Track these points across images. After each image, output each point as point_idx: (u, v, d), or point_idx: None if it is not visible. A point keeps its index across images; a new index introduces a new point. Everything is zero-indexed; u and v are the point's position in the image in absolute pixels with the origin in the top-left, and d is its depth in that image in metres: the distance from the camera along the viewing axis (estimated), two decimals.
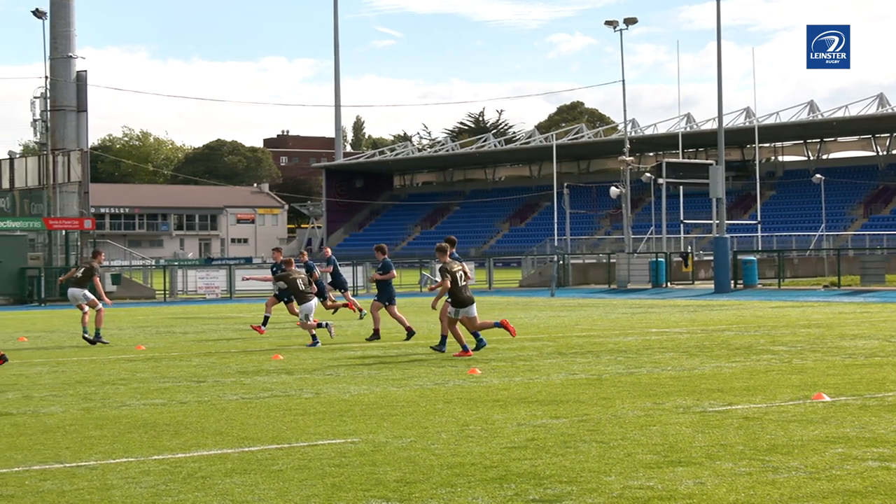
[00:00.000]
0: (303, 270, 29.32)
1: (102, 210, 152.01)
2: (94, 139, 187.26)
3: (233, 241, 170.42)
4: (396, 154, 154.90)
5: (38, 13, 66.71)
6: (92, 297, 29.15)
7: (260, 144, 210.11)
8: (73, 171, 66.11)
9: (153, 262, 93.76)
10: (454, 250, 25.32)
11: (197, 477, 11.27)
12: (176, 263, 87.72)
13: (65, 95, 67.03)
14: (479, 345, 24.19)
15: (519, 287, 70.27)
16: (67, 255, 62.60)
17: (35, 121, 70.36)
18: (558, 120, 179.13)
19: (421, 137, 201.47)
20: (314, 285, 28.83)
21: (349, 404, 16.39)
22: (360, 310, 33.97)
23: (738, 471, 11.18)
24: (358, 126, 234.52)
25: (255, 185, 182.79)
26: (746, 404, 15.83)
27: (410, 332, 28.50)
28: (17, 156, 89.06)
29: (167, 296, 60.91)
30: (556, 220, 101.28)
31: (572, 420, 14.61)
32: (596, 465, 11.55)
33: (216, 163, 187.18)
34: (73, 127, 67.49)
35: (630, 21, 76.90)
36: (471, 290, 24.24)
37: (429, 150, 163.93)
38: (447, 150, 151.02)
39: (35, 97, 69.77)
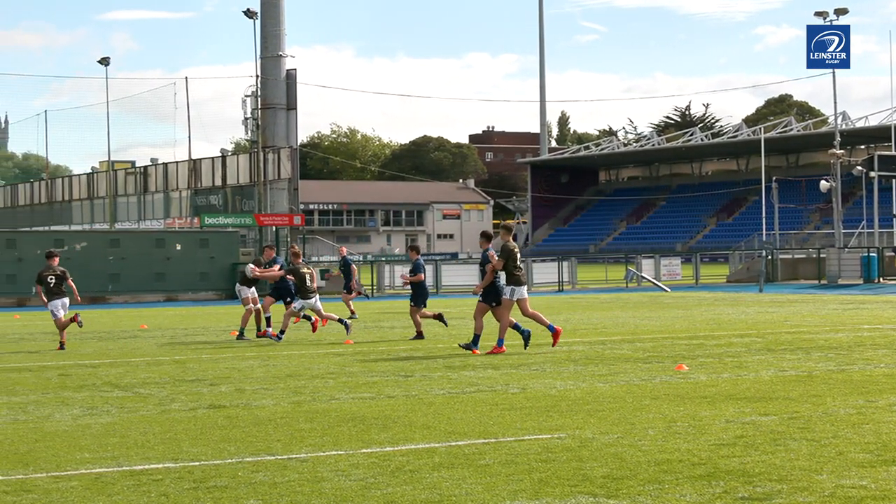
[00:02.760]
0: (308, 265, 29.46)
1: (311, 206, 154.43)
2: (302, 136, 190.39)
3: (439, 236, 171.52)
4: (602, 149, 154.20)
5: (249, 13, 68.05)
6: (254, 295, 29.72)
7: (465, 140, 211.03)
8: (283, 167, 67.36)
9: (361, 258, 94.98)
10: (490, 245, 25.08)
11: (405, 470, 11.37)
12: (383, 259, 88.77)
13: (275, 94, 68.34)
14: (525, 335, 24.17)
15: (726, 282, 69.32)
16: (277, 250, 63.77)
17: (246, 119, 71.92)
18: (766, 113, 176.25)
19: (626, 132, 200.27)
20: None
21: (555, 400, 16.36)
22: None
23: None
24: (563, 121, 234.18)
25: (461, 180, 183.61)
26: None
27: (419, 336, 28.14)
28: (229, 154, 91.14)
29: (375, 291, 61.58)
30: (764, 215, 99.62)
31: (782, 417, 14.36)
32: (806, 464, 11.33)
33: (422, 159, 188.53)
34: (283, 125, 68.78)
35: (840, 11, 75.09)
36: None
37: (634, 144, 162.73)
38: (653, 145, 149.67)
39: (246, 96, 71.33)
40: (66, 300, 28.11)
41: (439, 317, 28.93)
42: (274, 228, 64.31)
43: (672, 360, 21.63)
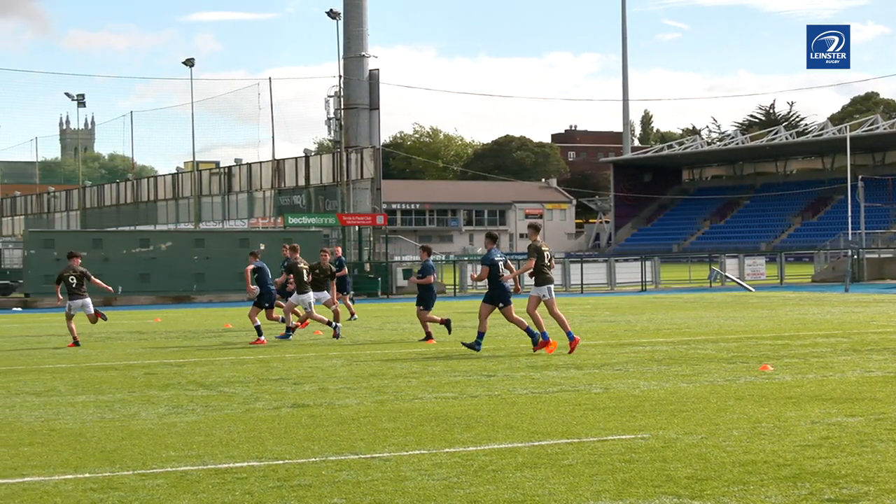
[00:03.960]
0: (304, 261, 29.43)
1: (394, 206, 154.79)
2: (385, 136, 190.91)
3: (521, 236, 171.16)
4: (685, 148, 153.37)
5: (332, 14, 68.34)
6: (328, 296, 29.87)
7: (548, 139, 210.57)
8: (366, 167, 67.56)
9: (443, 258, 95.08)
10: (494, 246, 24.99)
11: (488, 470, 11.37)
12: (465, 258, 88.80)
13: (358, 94, 68.54)
14: (535, 339, 24.03)
15: (811, 282, 68.72)
16: (360, 250, 64.05)
17: (329, 119, 72.21)
18: (851, 111, 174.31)
19: (710, 131, 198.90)
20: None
21: (639, 400, 16.29)
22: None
23: None
24: (646, 120, 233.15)
25: (543, 179, 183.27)
26: None
27: (428, 336, 27.98)
28: (313, 154, 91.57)
29: (457, 290, 61.63)
30: (849, 214, 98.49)
31: (868, 419, 14.22)
32: (894, 465, 11.21)
33: (504, 158, 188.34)
34: (366, 125, 68.95)
35: None
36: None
37: (718, 143, 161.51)
38: (737, 144, 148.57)
39: (329, 96, 71.60)
40: (87, 300, 29.11)
41: (446, 322, 28.47)
42: (357, 228, 64.55)
43: (757, 361, 21.47)
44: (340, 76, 68.96)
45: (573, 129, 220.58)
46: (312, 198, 74.73)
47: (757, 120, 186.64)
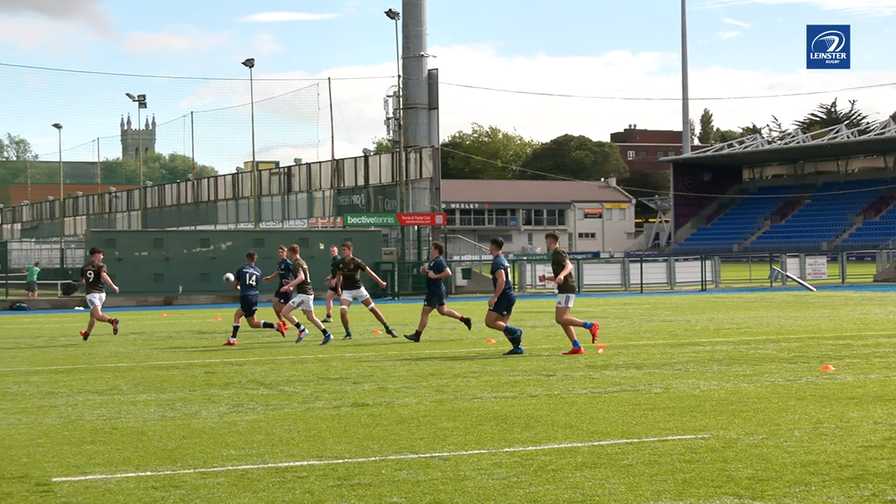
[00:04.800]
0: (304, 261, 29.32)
1: (453, 206, 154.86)
2: (444, 136, 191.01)
3: (580, 235, 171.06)
4: (745, 147, 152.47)
5: (391, 14, 68.43)
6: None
7: (607, 139, 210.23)
8: (425, 167, 67.63)
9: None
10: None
11: (548, 470, 11.35)
12: (524, 258, 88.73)
13: (416, 94, 68.62)
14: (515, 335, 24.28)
15: (873, 282, 68.15)
16: (419, 249, 64.09)
17: (388, 119, 72.37)
18: None
19: (770, 129, 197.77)
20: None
21: (699, 400, 16.22)
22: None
23: None
24: (706, 119, 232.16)
25: (603, 179, 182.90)
26: None
27: (467, 322, 28.18)
28: (372, 153, 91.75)
29: (516, 290, 61.52)
30: None
31: None
32: None
33: (563, 158, 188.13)
34: (425, 124, 69.02)
35: None
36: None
37: (778, 142, 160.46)
38: (797, 142, 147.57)
39: (388, 96, 71.76)
40: (104, 294, 30.75)
41: (466, 321, 28.35)
42: (416, 227, 64.63)
43: (818, 361, 21.32)
44: (399, 76, 69.07)
45: (632, 128, 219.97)
46: (371, 197, 74.85)
47: (818, 118, 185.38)
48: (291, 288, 29.35)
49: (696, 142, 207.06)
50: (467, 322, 28.59)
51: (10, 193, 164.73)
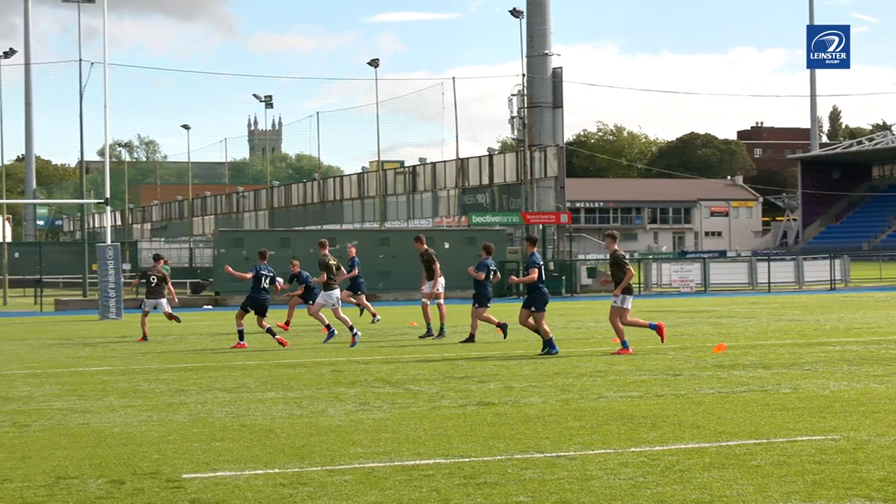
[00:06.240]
0: (334, 257, 28.98)
1: (577, 204, 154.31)
2: (568, 135, 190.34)
3: (706, 234, 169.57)
4: (875, 144, 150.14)
5: (515, 13, 68.47)
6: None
7: (733, 136, 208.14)
8: (550, 166, 67.58)
9: (627, 256, 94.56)
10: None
11: (675, 470, 11.28)
12: (650, 257, 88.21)
13: (541, 92, 68.60)
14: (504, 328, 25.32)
15: None
16: (544, 248, 63.98)
17: (512, 118, 72.39)
18: None
19: None
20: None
21: (828, 400, 16.01)
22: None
23: None
24: (834, 116, 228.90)
25: (729, 177, 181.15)
26: None
27: (503, 328, 27.52)
28: (496, 152, 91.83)
29: (641, 289, 61.27)
30: None
31: None
32: None
33: (689, 156, 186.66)
34: (549, 123, 68.99)
35: None
36: None
37: None
38: None
39: (512, 95, 71.80)
40: (163, 301, 32.33)
41: (503, 326, 27.98)
42: (541, 226, 64.59)
43: None
44: (524, 75, 69.11)
45: (759, 125, 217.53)
46: (496, 196, 74.99)
47: None
48: (340, 280, 29.58)
49: (825, 139, 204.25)
50: (503, 328, 28.08)
51: (139, 194, 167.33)
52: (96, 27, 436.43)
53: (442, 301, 30.23)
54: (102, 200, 49.08)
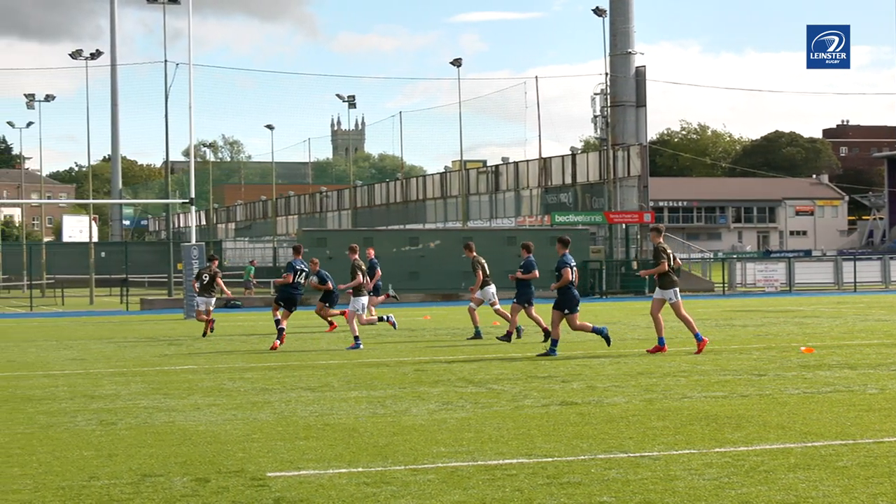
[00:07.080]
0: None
1: (661, 203, 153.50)
2: (651, 133, 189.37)
3: (791, 233, 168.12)
4: None
5: (598, 11, 68.32)
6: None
7: (818, 135, 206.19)
8: (633, 165, 67.34)
9: (711, 255, 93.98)
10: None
11: (759, 471, 11.20)
12: (734, 256, 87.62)
13: (624, 91, 68.40)
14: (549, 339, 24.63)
15: None
16: (627, 248, 63.79)
17: (595, 117, 72.27)
18: None
19: None
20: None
21: None
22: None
23: None
24: None
25: (814, 176, 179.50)
26: None
27: (546, 333, 26.60)
28: (579, 152, 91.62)
29: (726, 289, 60.93)
30: None
31: None
32: None
33: (774, 154, 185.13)
34: (633, 122, 68.77)
35: None
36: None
37: None
38: None
39: (595, 94, 71.66)
40: (212, 300, 33.66)
41: (546, 331, 27.59)
42: (624, 226, 64.39)
43: None
44: (607, 74, 68.96)
45: (845, 123, 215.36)
46: (579, 196, 74.80)
47: None
48: (369, 287, 30.20)
49: None
50: (547, 332, 27.74)
51: (224, 193, 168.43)
52: (181, 28, 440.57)
53: (498, 305, 30.01)
54: (187, 200, 49.56)
